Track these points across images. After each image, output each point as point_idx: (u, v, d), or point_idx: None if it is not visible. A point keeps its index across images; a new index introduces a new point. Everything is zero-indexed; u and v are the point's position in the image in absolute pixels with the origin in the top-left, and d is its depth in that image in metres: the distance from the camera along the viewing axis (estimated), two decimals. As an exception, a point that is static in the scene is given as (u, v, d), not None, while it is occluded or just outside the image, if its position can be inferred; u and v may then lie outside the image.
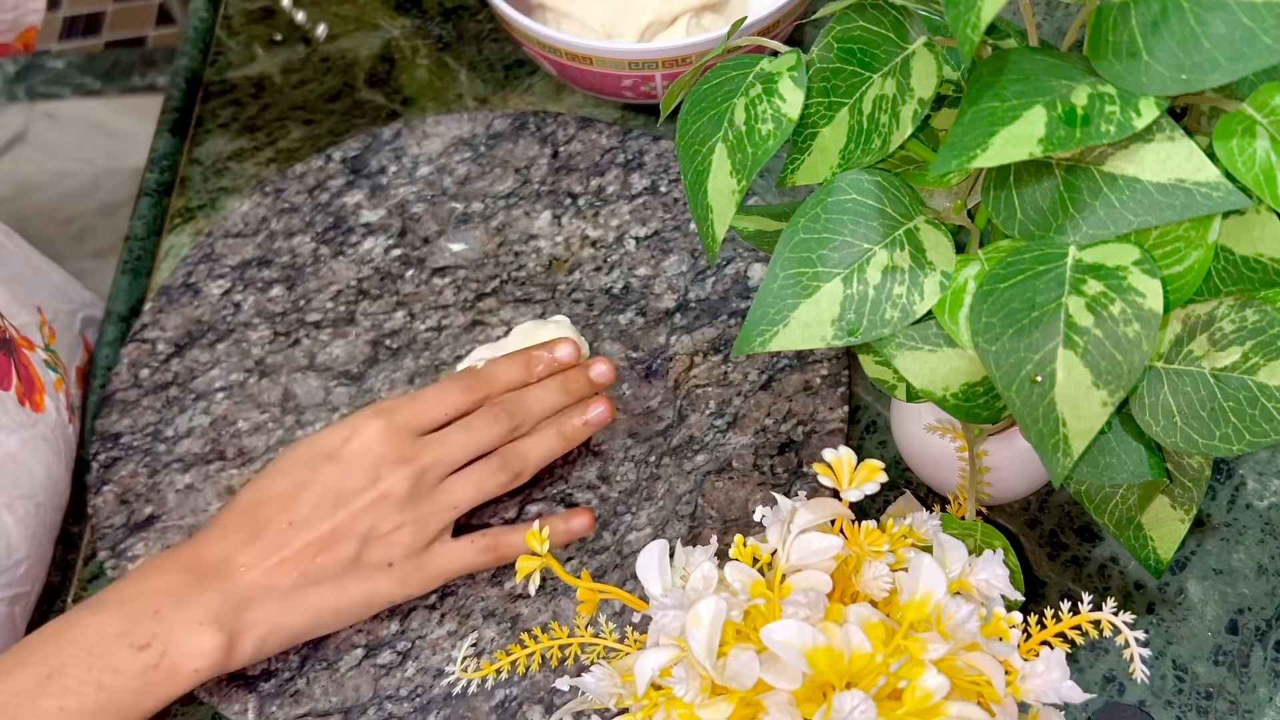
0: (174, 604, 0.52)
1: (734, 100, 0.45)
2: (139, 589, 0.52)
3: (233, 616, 0.52)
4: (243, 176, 0.78)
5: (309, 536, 0.54)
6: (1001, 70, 0.40)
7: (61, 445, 0.64)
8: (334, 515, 0.54)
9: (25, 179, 1.71)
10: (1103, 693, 0.56)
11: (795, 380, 0.64)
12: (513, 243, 0.71)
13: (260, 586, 0.53)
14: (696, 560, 0.43)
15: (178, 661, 0.51)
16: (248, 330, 0.69)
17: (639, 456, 0.63)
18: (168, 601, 0.52)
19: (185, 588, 0.52)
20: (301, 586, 0.54)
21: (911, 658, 0.38)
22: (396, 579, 0.55)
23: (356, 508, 0.54)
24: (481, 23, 0.84)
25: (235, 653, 0.52)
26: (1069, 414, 0.41)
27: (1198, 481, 0.49)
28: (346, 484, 0.55)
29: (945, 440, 0.54)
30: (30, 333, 0.67)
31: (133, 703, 0.50)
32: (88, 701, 0.49)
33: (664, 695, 0.40)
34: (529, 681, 0.57)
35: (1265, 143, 0.37)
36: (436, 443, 0.56)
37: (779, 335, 0.45)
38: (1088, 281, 0.41)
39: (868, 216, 0.44)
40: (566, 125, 0.75)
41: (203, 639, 0.51)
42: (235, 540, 0.54)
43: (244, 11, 0.86)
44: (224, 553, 0.54)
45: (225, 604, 0.52)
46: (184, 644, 0.51)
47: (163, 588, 0.52)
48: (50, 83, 1.82)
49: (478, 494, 0.57)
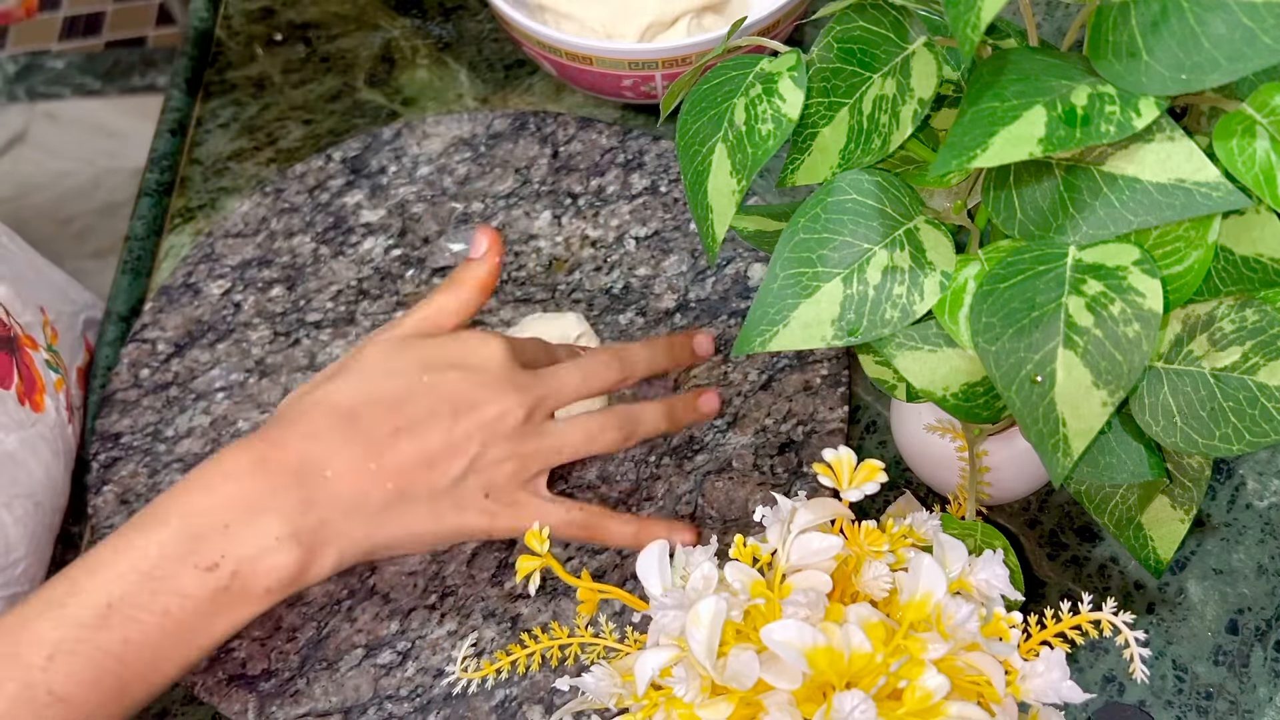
0: (246, 516, 0.47)
1: (734, 100, 0.45)
2: (205, 501, 0.47)
3: (314, 529, 0.47)
4: (243, 176, 0.78)
5: (418, 448, 0.49)
6: (1001, 70, 0.40)
7: (61, 445, 0.64)
8: (450, 428, 0.50)
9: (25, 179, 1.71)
10: (1103, 693, 0.56)
11: (795, 380, 0.64)
12: (513, 243, 0.71)
13: (350, 497, 0.48)
14: (696, 560, 0.43)
15: (250, 581, 0.46)
16: (248, 330, 0.69)
17: (639, 456, 0.63)
18: (238, 514, 0.47)
19: (259, 495, 0.47)
20: (395, 503, 0.49)
21: (911, 658, 0.38)
22: (489, 513, 0.52)
23: (473, 423, 0.50)
24: (481, 23, 0.84)
25: (311, 570, 0.48)
26: (1069, 414, 0.41)
27: (1198, 481, 0.49)
28: (466, 395, 0.50)
29: (945, 440, 0.54)
30: (34, 332, 0.67)
31: (203, 628, 0.46)
32: (152, 631, 0.45)
33: (664, 695, 0.40)
34: (529, 681, 0.57)
35: (1265, 143, 0.37)
36: (551, 376, 0.53)
37: (779, 335, 0.45)
38: (1088, 281, 0.41)
39: (868, 216, 0.44)
40: (566, 125, 0.75)
41: (278, 556, 0.46)
42: (328, 442, 0.49)
43: (244, 11, 0.86)
44: (313, 455, 0.48)
45: (306, 515, 0.47)
46: (258, 562, 0.46)
47: (231, 498, 0.47)
48: (50, 83, 1.82)
49: (589, 445, 0.54)
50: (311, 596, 0.60)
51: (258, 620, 0.59)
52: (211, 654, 0.48)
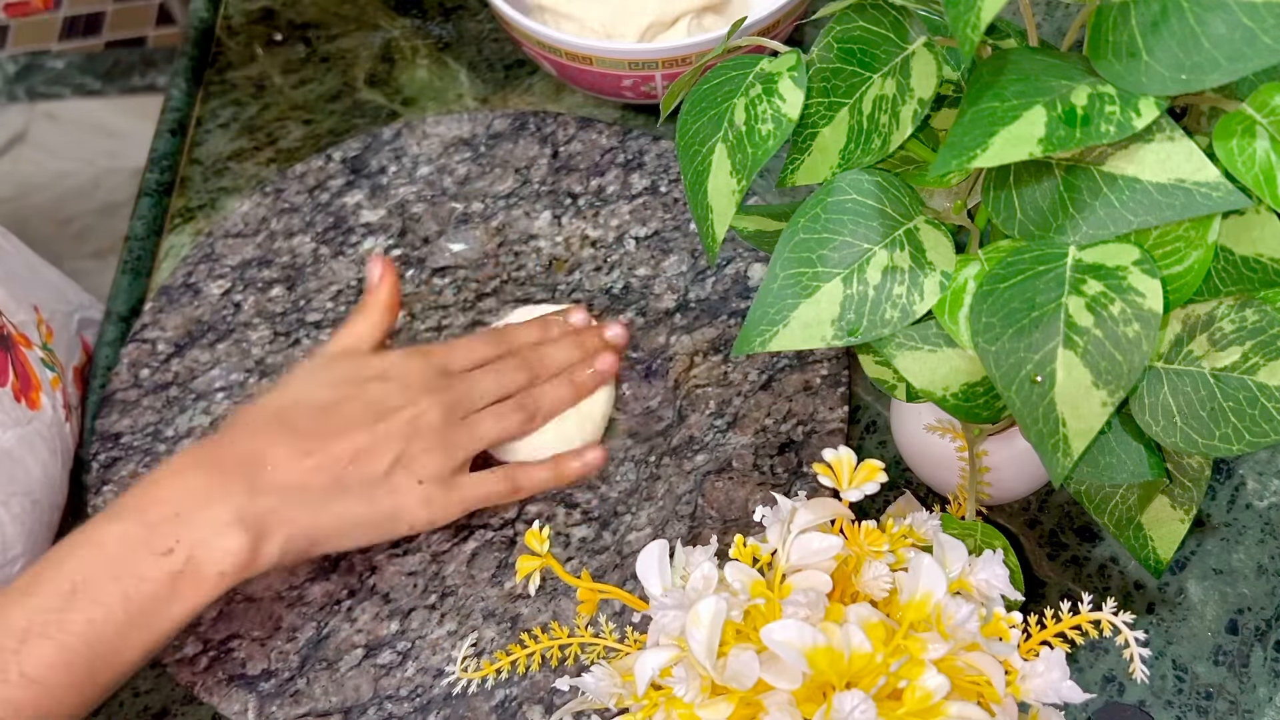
0: (196, 505, 0.51)
1: (734, 100, 0.45)
2: (157, 494, 0.51)
3: (259, 516, 0.51)
4: (243, 176, 0.78)
5: (346, 444, 0.54)
6: (1001, 70, 0.40)
7: (58, 443, 0.64)
8: (373, 428, 0.55)
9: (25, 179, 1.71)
10: (1103, 693, 0.56)
11: (795, 380, 0.64)
12: (513, 243, 0.71)
13: (290, 486, 0.53)
14: (696, 560, 0.43)
15: (202, 564, 0.50)
16: (248, 330, 0.69)
17: (639, 456, 0.63)
18: (189, 503, 0.51)
19: (208, 488, 0.51)
20: (331, 492, 0.54)
21: (911, 658, 0.38)
22: (423, 498, 0.56)
23: (395, 424, 0.56)
24: (481, 23, 0.84)
25: (261, 555, 0.51)
26: (1069, 414, 0.41)
27: (1198, 481, 0.49)
28: (387, 401, 0.56)
29: (945, 440, 0.54)
30: (28, 330, 0.67)
31: (162, 610, 0.49)
32: (115, 612, 0.48)
33: (664, 695, 0.40)
34: (529, 681, 0.57)
35: (1265, 143, 0.37)
36: (466, 381, 0.60)
37: (779, 335, 0.45)
38: (1088, 281, 0.41)
39: (868, 216, 0.44)
40: (566, 125, 0.75)
41: (227, 540, 0.50)
42: (266, 439, 0.54)
43: (244, 11, 0.86)
44: (253, 450, 0.53)
45: (251, 503, 0.51)
46: (209, 545, 0.50)
47: (183, 491, 0.51)
48: (50, 83, 1.82)
49: (499, 429, 0.60)
50: (311, 596, 0.60)
51: (258, 620, 0.59)
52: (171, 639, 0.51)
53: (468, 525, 0.61)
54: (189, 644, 0.59)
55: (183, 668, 0.59)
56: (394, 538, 0.58)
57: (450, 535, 0.61)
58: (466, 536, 0.61)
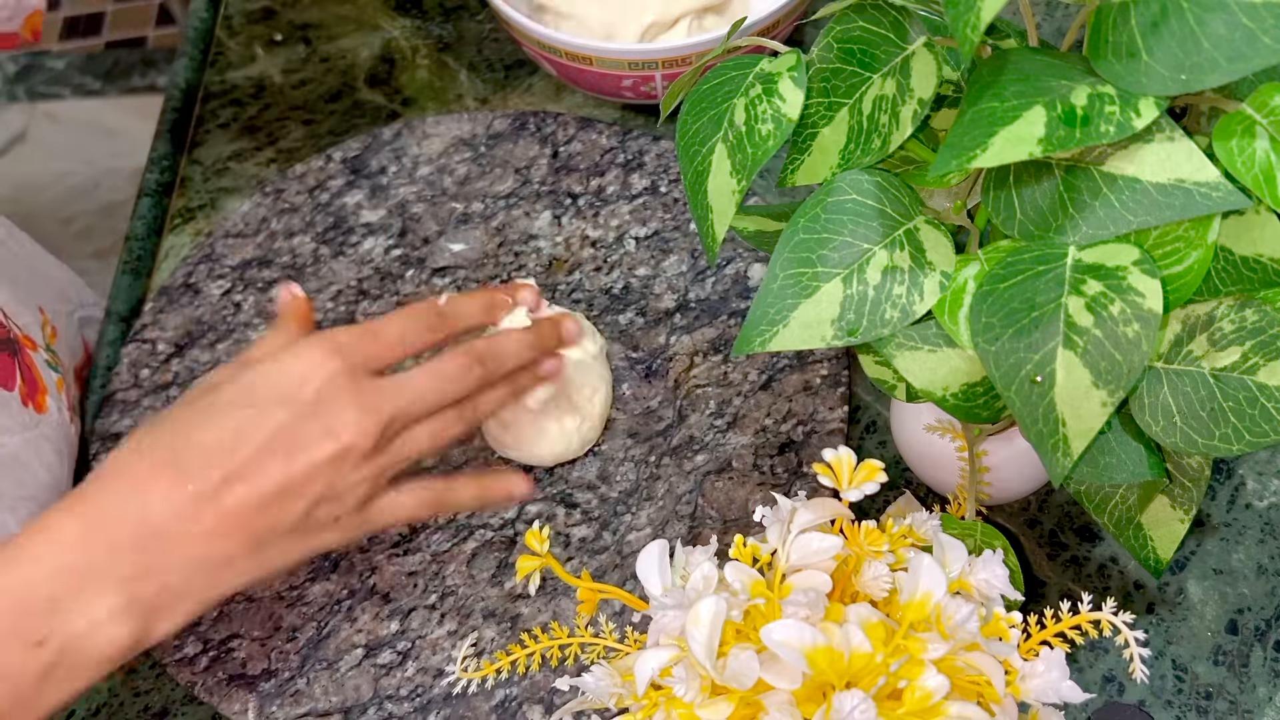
0: (74, 590, 0.44)
1: (734, 100, 0.45)
2: (30, 573, 0.44)
3: (153, 595, 0.45)
4: (243, 177, 0.78)
5: (251, 494, 0.46)
6: (1001, 70, 0.40)
7: (64, 446, 0.64)
8: (286, 469, 0.46)
9: (26, 179, 1.71)
10: (1103, 693, 0.56)
11: (795, 380, 0.64)
12: (513, 243, 0.71)
13: (190, 556, 0.45)
14: (696, 560, 0.43)
15: (80, 656, 0.44)
16: (248, 330, 0.69)
17: (639, 456, 0.63)
18: (64, 587, 0.44)
19: (89, 565, 0.44)
20: (239, 553, 0.46)
21: (911, 658, 0.38)
22: (339, 533, 0.50)
23: (313, 463, 0.47)
24: (481, 23, 0.84)
25: (151, 635, 0.46)
26: (1069, 414, 0.41)
27: (1197, 481, 0.49)
28: (301, 435, 0.47)
29: (945, 440, 0.54)
30: (32, 332, 0.67)
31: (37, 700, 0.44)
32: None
33: (664, 695, 0.40)
34: (529, 681, 0.57)
35: (1265, 143, 0.37)
36: (403, 391, 0.50)
37: (779, 335, 0.45)
38: (1087, 281, 0.41)
39: (868, 216, 0.44)
40: (566, 125, 0.75)
41: (110, 630, 0.44)
42: (154, 494, 0.45)
43: (244, 11, 0.86)
44: (137, 512, 0.45)
45: (145, 581, 0.45)
46: (88, 639, 0.44)
47: (58, 569, 0.44)
48: (50, 83, 1.82)
49: (435, 445, 0.51)
50: (311, 596, 0.60)
51: (258, 620, 0.59)
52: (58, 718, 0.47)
53: (468, 525, 0.61)
54: (189, 644, 0.59)
55: (183, 668, 0.59)
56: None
57: (450, 535, 0.61)
58: (466, 536, 0.61)
